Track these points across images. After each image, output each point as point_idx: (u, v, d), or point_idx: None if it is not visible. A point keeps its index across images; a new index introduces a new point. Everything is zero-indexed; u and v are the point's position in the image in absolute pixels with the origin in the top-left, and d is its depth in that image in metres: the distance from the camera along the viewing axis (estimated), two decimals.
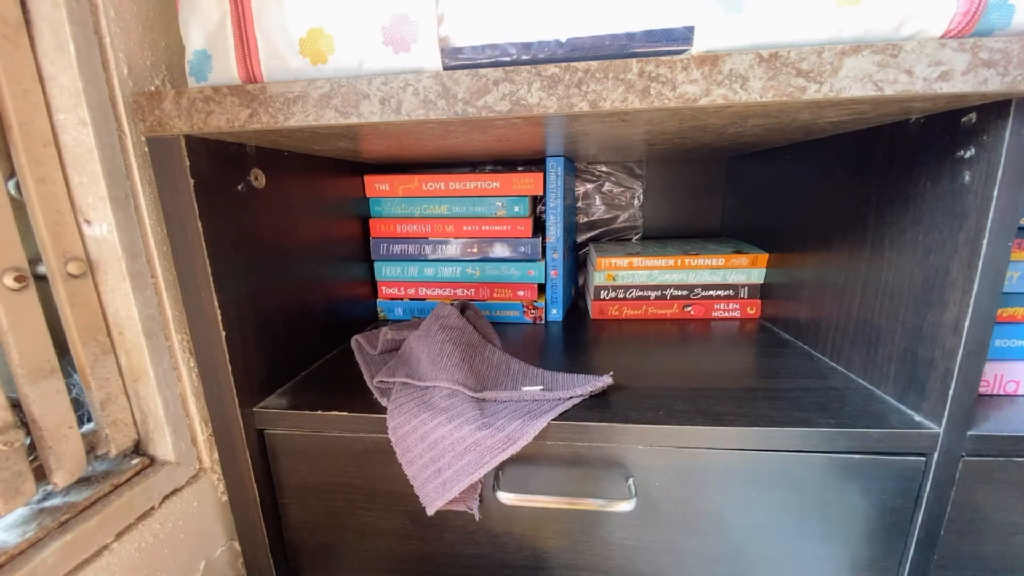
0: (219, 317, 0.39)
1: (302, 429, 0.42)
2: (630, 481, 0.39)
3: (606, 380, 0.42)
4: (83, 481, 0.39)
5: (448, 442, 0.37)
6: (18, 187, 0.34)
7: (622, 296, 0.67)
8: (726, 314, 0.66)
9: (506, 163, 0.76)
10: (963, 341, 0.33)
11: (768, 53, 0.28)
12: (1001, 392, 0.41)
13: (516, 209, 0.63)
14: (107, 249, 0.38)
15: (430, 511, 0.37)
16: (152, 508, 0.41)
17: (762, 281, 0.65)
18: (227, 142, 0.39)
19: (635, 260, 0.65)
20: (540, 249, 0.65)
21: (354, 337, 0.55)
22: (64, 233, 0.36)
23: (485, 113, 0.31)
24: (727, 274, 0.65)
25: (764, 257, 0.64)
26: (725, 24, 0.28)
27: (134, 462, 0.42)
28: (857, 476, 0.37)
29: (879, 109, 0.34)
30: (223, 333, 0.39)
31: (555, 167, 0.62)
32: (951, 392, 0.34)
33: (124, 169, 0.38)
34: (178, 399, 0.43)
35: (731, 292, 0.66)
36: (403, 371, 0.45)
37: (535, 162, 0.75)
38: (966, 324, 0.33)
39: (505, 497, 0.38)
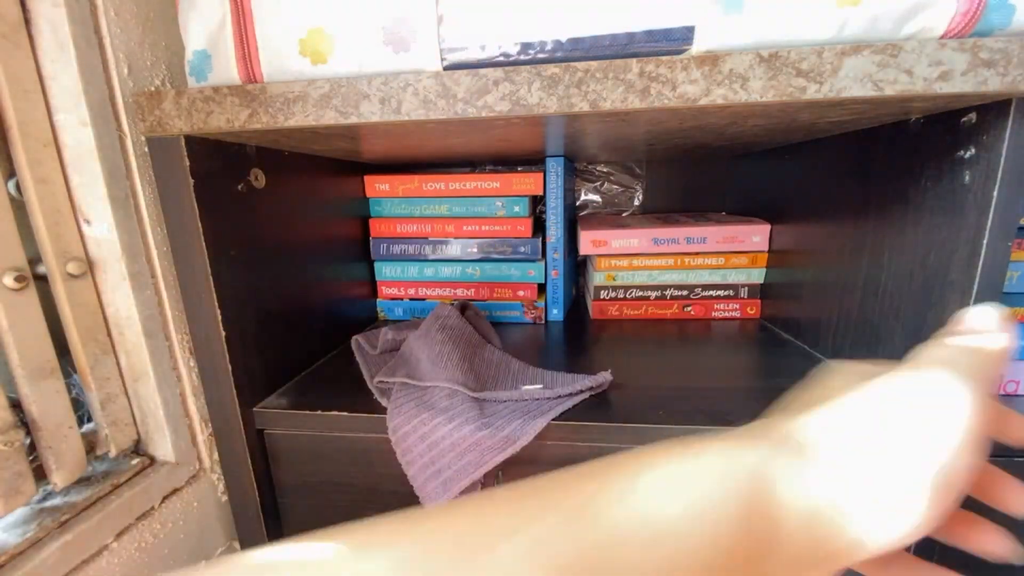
0: (219, 317, 0.39)
1: (302, 429, 0.42)
2: None
3: (606, 376, 0.42)
4: (83, 481, 0.39)
5: (448, 442, 0.37)
6: (18, 187, 0.34)
7: (622, 296, 0.67)
8: (726, 314, 0.66)
9: (506, 163, 0.76)
10: None
11: (768, 53, 0.28)
12: (1001, 392, 0.41)
13: (516, 209, 0.63)
14: (107, 249, 0.38)
15: None
16: (152, 508, 0.41)
17: (762, 281, 0.65)
18: (227, 142, 0.39)
19: (635, 260, 0.65)
20: (540, 249, 0.65)
21: (354, 337, 0.55)
22: (64, 233, 0.36)
23: (485, 113, 0.31)
24: (727, 274, 0.65)
25: (764, 257, 0.64)
26: (725, 24, 0.28)
27: (134, 462, 0.42)
28: None
29: (879, 109, 0.34)
30: (223, 333, 0.39)
31: (555, 167, 0.62)
32: None
33: (124, 169, 0.38)
34: (178, 399, 0.43)
35: (731, 292, 0.66)
36: (403, 371, 0.45)
37: (535, 162, 0.75)
38: None
39: None
